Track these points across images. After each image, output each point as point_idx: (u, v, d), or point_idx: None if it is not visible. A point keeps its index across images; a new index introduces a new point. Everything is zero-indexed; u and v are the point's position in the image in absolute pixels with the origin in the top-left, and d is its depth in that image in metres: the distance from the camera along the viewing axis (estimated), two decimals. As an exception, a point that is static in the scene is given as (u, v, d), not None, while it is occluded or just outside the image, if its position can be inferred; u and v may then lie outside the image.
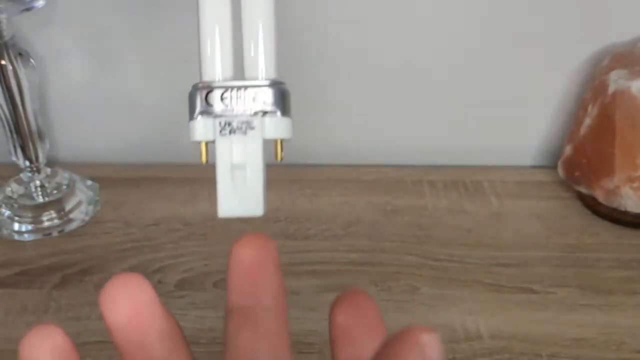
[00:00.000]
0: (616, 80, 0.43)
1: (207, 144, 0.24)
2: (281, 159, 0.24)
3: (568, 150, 0.47)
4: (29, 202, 0.45)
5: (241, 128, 0.22)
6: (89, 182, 0.48)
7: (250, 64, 0.25)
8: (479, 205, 0.47)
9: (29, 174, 0.45)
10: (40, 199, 0.45)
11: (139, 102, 0.51)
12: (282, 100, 0.24)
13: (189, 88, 0.27)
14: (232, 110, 0.23)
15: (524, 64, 0.49)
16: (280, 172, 0.51)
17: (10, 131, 0.43)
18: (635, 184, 0.43)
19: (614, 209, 0.44)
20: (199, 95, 0.23)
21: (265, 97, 0.24)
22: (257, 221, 0.45)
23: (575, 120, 0.48)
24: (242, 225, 0.45)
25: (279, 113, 0.23)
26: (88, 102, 0.51)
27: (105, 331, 0.38)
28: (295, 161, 0.53)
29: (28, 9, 0.38)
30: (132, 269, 0.41)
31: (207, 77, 0.24)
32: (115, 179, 0.50)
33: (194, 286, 0.40)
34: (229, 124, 0.22)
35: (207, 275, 0.41)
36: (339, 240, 0.44)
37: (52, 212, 0.45)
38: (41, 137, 0.44)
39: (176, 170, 0.50)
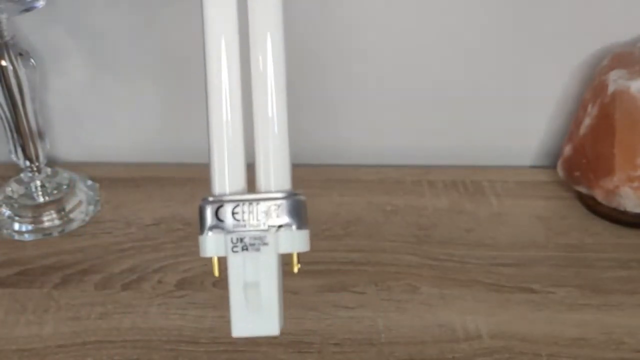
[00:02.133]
0: (616, 80, 0.43)
1: (219, 258, 0.23)
2: (297, 269, 0.23)
3: (568, 150, 0.47)
4: (29, 202, 0.45)
5: (254, 244, 0.21)
6: (89, 182, 0.48)
7: (263, 175, 0.24)
8: (478, 205, 0.47)
9: (29, 174, 0.45)
10: (41, 199, 0.45)
11: (139, 102, 0.51)
12: (298, 213, 0.23)
13: (189, 88, 0.27)
14: (244, 225, 0.22)
15: (524, 64, 0.49)
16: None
17: (11, 131, 0.43)
18: (635, 184, 0.43)
19: (614, 209, 0.44)
20: (209, 210, 0.22)
21: (279, 211, 0.23)
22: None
23: (575, 120, 0.48)
24: (242, 225, 0.45)
25: (294, 227, 0.22)
26: (88, 102, 0.51)
27: (105, 331, 0.38)
28: (295, 161, 0.53)
29: (28, 9, 0.38)
30: (132, 269, 0.41)
31: (217, 191, 0.23)
32: (115, 179, 0.50)
33: (194, 286, 0.40)
34: (241, 240, 0.22)
35: (207, 275, 0.41)
36: (339, 240, 0.44)
37: (52, 212, 0.45)
38: (41, 137, 0.44)
39: (176, 170, 0.50)
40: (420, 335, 0.36)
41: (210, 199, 0.23)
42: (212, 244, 0.22)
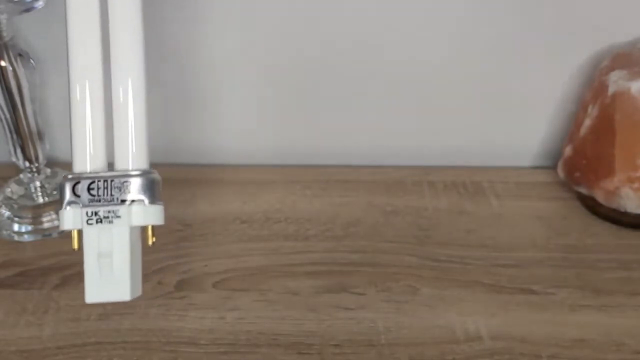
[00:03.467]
0: (616, 81, 0.43)
1: (79, 231, 0.25)
2: (152, 243, 0.25)
3: (568, 151, 0.47)
4: (28, 203, 0.45)
5: (107, 217, 0.23)
6: (89, 183, 0.48)
7: (120, 154, 0.26)
8: (479, 206, 0.47)
9: (29, 175, 0.45)
10: (40, 200, 0.45)
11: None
12: (150, 189, 0.25)
13: (188, 88, 0.27)
14: (99, 200, 0.23)
15: (524, 64, 0.49)
16: (281, 172, 0.51)
17: (10, 132, 0.43)
18: (635, 185, 0.43)
19: (614, 210, 0.44)
20: (67, 186, 0.24)
21: (132, 187, 0.24)
22: (257, 223, 0.45)
23: (575, 121, 0.48)
24: (241, 226, 0.45)
25: (146, 201, 0.24)
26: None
27: (104, 332, 0.38)
28: (295, 161, 0.53)
29: (28, 10, 0.38)
30: (132, 270, 0.41)
31: (77, 169, 0.25)
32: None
33: (194, 287, 0.40)
34: (96, 214, 0.23)
35: (206, 276, 0.41)
36: (339, 241, 0.44)
37: (52, 212, 0.45)
38: (41, 137, 0.44)
39: (176, 170, 0.50)
40: (421, 336, 0.36)
41: (70, 176, 0.24)
42: (69, 218, 0.24)
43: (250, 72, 0.50)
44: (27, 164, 0.44)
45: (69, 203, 0.24)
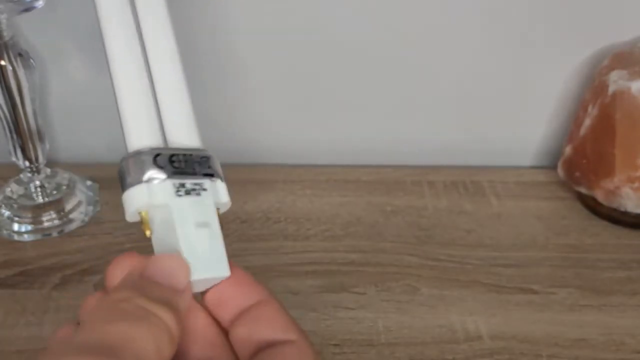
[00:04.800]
0: (616, 80, 0.43)
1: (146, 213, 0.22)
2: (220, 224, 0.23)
3: (568, 150, 0.47)
4: (28, 203, 0.45)
5: (195, 189, 0.21)
6: (89, 183, 0.48)
7: (179, 133, 0.24)
8: (479, 206, 0.47)
9: (29, 175, 0.45)
10: (40, 200, 0.45)
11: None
12: (219, 168, 0.24)
13: (188, 88, 0.27)
14: (183, 173, 0.21)
15: (524, 64, 0.49)
16: (280, 172, 0.51)
17: (10, 131, 0.43)
18: (635, 185, 0.43)
19: (614, 210, 0.44)
20: (147, 158, 0.22)
21: (212, 163, 0.23)
22: (257, 222, 0.45)
23: (575, 120, 0.48)
24: (241, 226, 0.45)
25: (219, 179, 0.23)
26: (88, 102, 0.51)
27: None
28: (295, 161, 0.53)
29: (28, 9, 0.38)
30: (132, 270, 0.41)
31: (141, 143, 0.23)
32: (115, 179, 0.49)
33: (194, 286, 0.40)
34: (183, 185, 0.21)
35: (207, 275, 0.41)
36: (339, 240, 0.44)
37: (52, 212, 0.45)
38: (41, 137, 0.44)
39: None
40: (421, 336, 0.36)
41: (134, 152, 0.22)
42: (160, 191, 0.21)
43: (247, 71, 0.50)
44: (27, 163, 0.44)
45: (151, 177, 0.21)
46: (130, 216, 0.22)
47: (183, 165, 0.22)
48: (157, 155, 0.21)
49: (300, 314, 0.38)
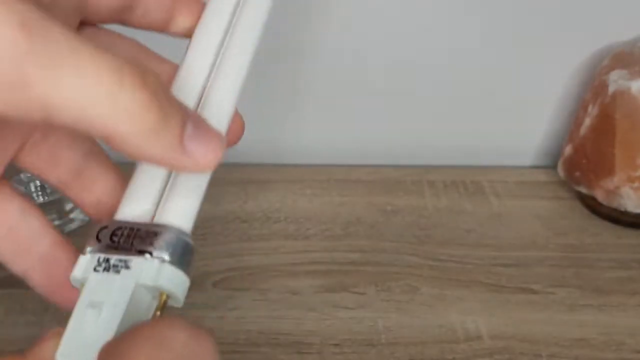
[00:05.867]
0: (616, 80, 0.43)
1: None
2: (157, 314, 0.20)
3: (568, 150, 0.47)
4: (28, 202, 0.45)
5: (117, 266, 0.19)
6: (89, 182, 0.48)
7: (163, 205, 0.21)
8: (479, 206, 0.47)
9: (29, 174, 0.45)
10: (40, 199, 0.45)
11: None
12: (180, 252, 0.21)
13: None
14: (117, 248, 0.19)
15: (524, 64, 0.49)
16: (280, 172, 0.51)
17: (10, 131, 0.43)
18: (635, 184, 0.43)
19: (614, 209, 0.44)
20: (92, 232, 0.20)
21: (159, 241, 0.20)
22: (257, 222, 0.45)
23: (575, 120, 0.48)
24: (241, 225, 0.45)
25: (167, 259, 0.19)
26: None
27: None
28: (296, 161, 0.53)
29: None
30: (132, 269, 0.41)
31: (119, 217, 0.20)
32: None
33: (193, 286, 0.39)
34: (107, 261, 0.19)
35: (206, 275, 0.41)
36: (339, 240, 0.44)
37: (52, 212, 0.45)
38: (41, 137, 0.44)
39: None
40: (421, 335, 0.36)
41: (106, 224, 0.20)
42: (81, 264, 0.19)
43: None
44: (27, 163, 0.44)
45: (89, 250, 0.20)
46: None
47: (121, 240, 0.19)
48: (103, 228, 0.20)
49: (300, 314, 0.38)
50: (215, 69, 0.22)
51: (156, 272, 0.18)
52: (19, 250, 0.20)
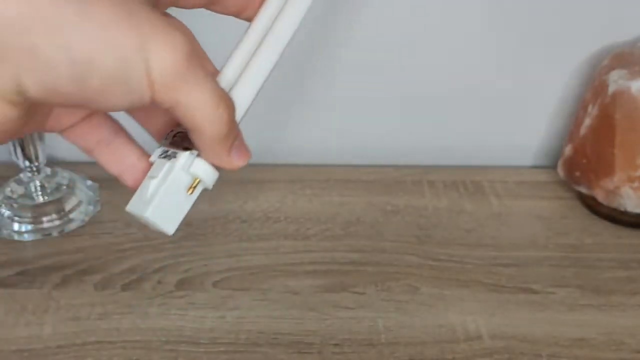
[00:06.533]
0: (616, 80, 0.43)
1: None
2: (190, 192, 0.27)
3: (568, 150, 0.47)
4: (28, 202, 0.45)
5: (169, 156, 0.26)
6: (89, 182, 0.48)
7: None
8: (479, 205, 0.47)
9: (29, 174, 0.45)
10: (40, 199, 0.45)
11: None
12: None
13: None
14: (174, 144, 0.26)
15: (524, 64, 0.49)
16: (281, 172, 0.51)
17: (10, 131, 0.43)
18: (635, 184, 0.43)
19: (614, 209, 0.44)
20: (167, 132, 0.27)
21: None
22: (257, 222, 0.45)
23: (575, 120, 0.48)
24: (241, 225, 0.45)
25: (201, 156, 0.26)
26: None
27: (104, 331, 0.38)
28: (295, 161, 0.53)
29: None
30: (132, 269, 0.41)
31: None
32: (115, 179, 0.49)
33: (194, 286, 0.40)
34: (166, 152, 0.26)
35: (207, 275, 0.41)
36: (339, 240, 0.44)
37: (52, 212, 0.45)
38: (41, 137, 0.44)
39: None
40: (421, 335, 0.36)
41: (173, 129, 0.27)
42: (156, 152, 0.27)
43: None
44: (27, 163, 0.44)
45: (161, 143, 0.27)
46: None
47: (177, 140, 0.26)
48: (171, 131, 0.27)
49: (301, 314, 0.38)
50: (249, 60, 0.28)
51: (190, 162, 0.25)
52: (114, 159, 0.27)
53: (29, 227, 0.44)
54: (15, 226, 0.44)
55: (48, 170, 0.46)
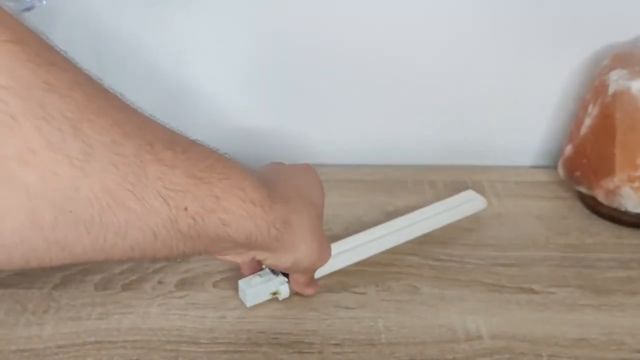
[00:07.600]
0: (616, 80, 0.43)
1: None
2: (271, 296, 0.39)
3: (568, 150, 0.47)
4: (29, 202, 0.45)
5: (275, 272, 0.39)
6: (89, 182, 0.48)
7: None
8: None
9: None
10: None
11: (139, 102, 0.51)
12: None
13: (188, 88, 0.27)
14: (274, 272, 0.39)
15: (524, 64, 0.49)
16: (281, 172, 0.51)
17: (11, 131, 0.43)
18: (636, 184, 0.43)
19: (614, 209, 0.44)
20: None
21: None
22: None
23: (575, 120, 0.48)
24: (242, 225, 0.45)
25: (286, 280, 0.39)
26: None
27: (104, 331, 0.38)
28: (295, 161, 0.53)
29: (28, 9, 0.38)
30: (132, 269, 0.41)
31: None
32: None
33: (194, 286, 0.40)
34: (269, 272, 0.39)
35: (207, 275, 0.41)
36: (340, 240, 0.44)
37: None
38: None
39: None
40: (421, 335, 0.36)
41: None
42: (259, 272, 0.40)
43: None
44: (27, 163, 0.44)
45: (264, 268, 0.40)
46: None
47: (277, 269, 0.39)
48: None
49: (301, 313, 0.38)
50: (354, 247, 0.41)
51: (281, 281, 0.38)
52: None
53: (30, 227, 0.44)
54: (16, 226, 0.44)
55: (48, 170, 0.46)
